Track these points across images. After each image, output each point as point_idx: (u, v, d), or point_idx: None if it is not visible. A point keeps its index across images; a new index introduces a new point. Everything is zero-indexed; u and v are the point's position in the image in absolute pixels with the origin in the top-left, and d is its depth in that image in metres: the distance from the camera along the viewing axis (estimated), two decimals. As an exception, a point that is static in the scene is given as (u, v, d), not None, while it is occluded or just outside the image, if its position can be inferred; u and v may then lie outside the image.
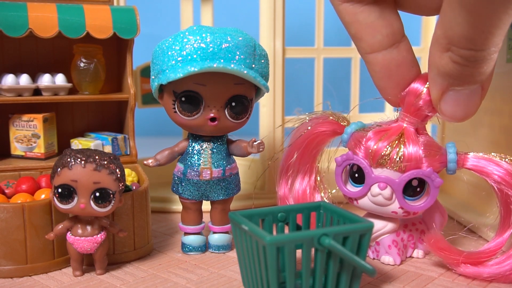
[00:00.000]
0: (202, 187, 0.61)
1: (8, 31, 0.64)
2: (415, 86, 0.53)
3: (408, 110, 0.55)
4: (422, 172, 0.55)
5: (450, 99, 0.47)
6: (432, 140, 0.57)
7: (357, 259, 0.45)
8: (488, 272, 0.54)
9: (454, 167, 0.56)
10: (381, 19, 0.48)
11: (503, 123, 0.72)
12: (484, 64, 0.43)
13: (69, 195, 0.53)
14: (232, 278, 0.56)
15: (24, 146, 0.70)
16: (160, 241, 0.68)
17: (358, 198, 0.58)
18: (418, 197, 0.57)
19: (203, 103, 0.58)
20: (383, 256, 0.60)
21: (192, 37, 0.56)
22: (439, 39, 0.43)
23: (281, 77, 0.84)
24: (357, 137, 0.58)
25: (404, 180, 0.55)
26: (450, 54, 0.42)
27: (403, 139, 0.55)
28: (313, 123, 0.63)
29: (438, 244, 0.56)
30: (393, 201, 0.56)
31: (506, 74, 0.71)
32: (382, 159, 0.55)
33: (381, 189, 0.56)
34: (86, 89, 0.73)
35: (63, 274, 0.57)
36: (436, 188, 0.56)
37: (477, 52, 0.41)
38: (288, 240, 0.44)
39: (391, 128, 0.56)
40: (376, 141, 0.55)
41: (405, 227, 0.61)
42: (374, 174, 0.56)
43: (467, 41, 0.40)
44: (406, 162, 0.54)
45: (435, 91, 0.47)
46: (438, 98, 0.48)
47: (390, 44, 0.49)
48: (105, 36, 0.68)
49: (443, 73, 0.45)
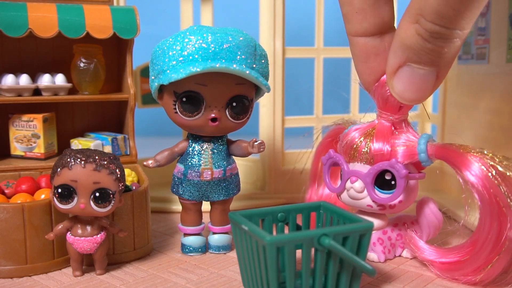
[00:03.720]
0: (203, 188, 0.61)
1: (8, 31, 0.64)
2: (384, 78, 0.53)
3: (378, 103, 0.56)
4: (388, 163, 0.55)
5: (403, 75, 0.48)
6: (410, 134, 0.57)
7: (357, 259, 0.45)
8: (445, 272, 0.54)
9: (424, 157, 0.55)
10: (373, 8, 0.49)
11: (503, 123, 0.72)
12: (445, 44, 0.44)
13: (69, 195, 0.53)
14: (232, 278, 0.56)
15: (24, 146, 0.70)
16: (160, 241, 0.68)
17: (339, 193, 0.60)
18: (392, 191, 0.57)
19: (204, 104, 0.58)
20: (368, 253, 0.60)
21: (193, 37, 0.56)
22: (411, 9, 0.44)
23: (281, 77, 0.84)
24: (341, 137, 0.60)
25: (371, 173, 0.56)
26: (417, 26, 0.43)
27: (373, 134, 0.56)
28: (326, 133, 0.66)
29: (415, 244, 0.58)
30: (365, 194, 0.57)
31: (506, 74, 0.71)
32: (353, 152, 0.57)
33: (352, 182, 0.57)
34: (86, 89, 0.73)
35: (63, 274, 0.57)
36: (401, 178, 0.55)
37: (442, 29, 0.42)
38: (288, 240, 0.44)
39: (368, 124, 0.58)
40: (352, 136, 0.58)
41: (394, 226, 0.61)
42: (347, 169, 0.58)
43: (436, 15, 0.42)
44: (371, 155, 0.56)
45: (392, 63, 0.48)
46: (392, 71, 0.48)
47: (374, 33, 0.50)
48: (105, 36, 0.68)
49: (404, 45, 0.45)
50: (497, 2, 0.74)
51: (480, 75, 0.79)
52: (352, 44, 0.52)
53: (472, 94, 0.81)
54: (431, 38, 0.43)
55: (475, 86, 0.80)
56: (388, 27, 0.50)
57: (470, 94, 0.82)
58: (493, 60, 0.75)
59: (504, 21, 0.71)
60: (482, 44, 0.77)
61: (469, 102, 0.82)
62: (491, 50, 0.75)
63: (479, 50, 0.78)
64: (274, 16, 0.83)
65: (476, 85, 0.80)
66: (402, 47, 0.46)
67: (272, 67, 0.83)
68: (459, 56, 0.85)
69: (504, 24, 0.72)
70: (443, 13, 0.41)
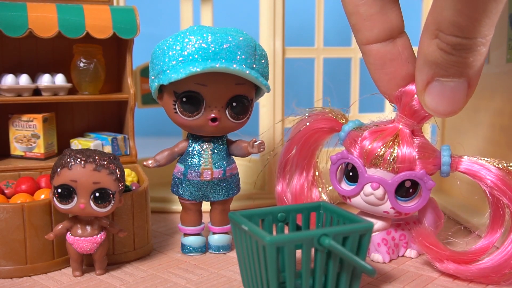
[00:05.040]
0: (203, 188, 0.61)
1: (8, 31, 0.64)
2: (411, 87, 0.53)
3: (403, 111, 0.55)
4: (415, 174, 0.55)
5: (434, 91, 0.47)
6: (427, 142, 0.57)
7: (357, 259, 0.45)
8: (472, 271, 0.54)
9: (447, 170, 0.56)
10: (381, 13, 0.49)
11: (503, 123, 0.72)
12: (470, 54, 0.43)
13: (69, 195, 0.53)
14: (232, 278, 0.56)
15: (24, 146, 0.70)
16: (160, 241, 0.68)
17: (352, 197, 0.59)
18: (410, 198, 0.57)
19: (204, 104, 0.58)
20: (372, 253, 0.60)
21: (193, 37, 0.56)
22: (429, 26, 0.43)
23: (281, 77, 0.84)
24: (353, 136, 0.58)
25: (396, 181, 0.55)
26: (438, 41, 0.43)
27: (397, 140, 0.55)
28: (312, 119, 0.63)
29: (426, 239, 0.57)
30: (385, 201, 0.57)
31: (506, 74, 0.71)
32: (376, 159, 0.56)
33: (373, 189, 0.56)
34: (86, 89, 0.73)
35: (62, 274, 0.57)
36: (428, 190, 0.56)
37: (463, 40, 0.41)
38: (288, 240, 0.44)
39: (386, 129, 0.56)
40: (371, 141, 0.56)
41: (397, 226, 0.61)
42: (367, 174, 0.56)
43: (454, 28, 0.41)
44: (399, 164, 0.55)
45: (420, 80, 0.47)
46: (422, 88, 0.48)
47: (386, 38, 0.50)
48: (105, 36, 0.68)
49: (429, 61, 0.45)
50: (497, 2, 0.73)
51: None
52: (365, 54, 0.51)
53: (473, 94, 0.81)
54: (454, 51, 0.42)
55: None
56: (399, 31, 0.50)
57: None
58: (493, 60, 0.75)
59: (504, 21, 0.71)
60: (482, 44, 0.77)
61: (470, 102, 0.81)
62: (491, 50, 0.75)
63: (479, 50, 0.78)
64: (274, 16, 0.83)
65: (477, 85, 0.80)
66: (427, 63, 0.45)
67: (272, 67, 0.83)
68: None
69: (504, 24, 0.71)
70: (460, 24, 0.40)
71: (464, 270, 0.54)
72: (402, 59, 0.51)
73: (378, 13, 0.48)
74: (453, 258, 0.55)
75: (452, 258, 0.55)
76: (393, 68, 0.51)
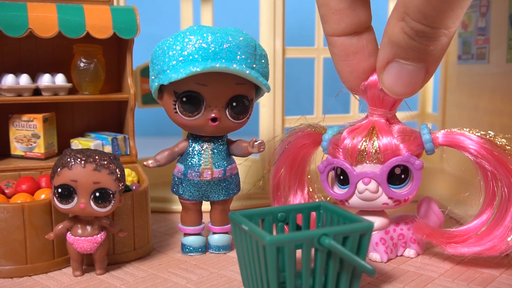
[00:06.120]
0: (203, 188, 0.61)
1: (8, 31, 0.64)
2: (373, 78, 0.54)
3: (373, 103, 0.56)
4: (401, 158, 0.56)
5: (392, 71, 0.48)
6: (404, 126, 0.58)
7: (357, 259, 0.45)
8: (472, 252, 0.56)
9: (431, 147, 0.57)
10: (350, 9, 0.49)
11: (503, 123, 0.72)
12: (431, 43, 0.44)
13: (69, 195, 0.53)
14: (232, 278, 0.56)
15: (24, 146, 0.70)
16: (160, 241, 0.68)
17: (348, 199, 0.59)
18: (404, 184, 0.58)
19: (204, 103, 0.58)
20: (370, 253, 0.61)
21: (193, 37, 0.56)
22: (398, 6, 0.44)
23: (281, 77, 0.84)
24: (334, 141, 0.59)
25: (385, 171, 0.56)
26: (403, 24, 0.44)
27: (375, 132, 0.56)
28: (293, 137, 0.64)
29: (425, 230, 0.58)
30: (380, 193, 0.57)
31: (506, 74, 0.71)
32: (360, 155, 0.57)
33: (365, 184, 0.57)
34: (86, 89, 0.73)
35: (63, 274, 0.57)
36: (418, 171, 0.57)
37: (426, 28, 0.43)
38: (288, 240, 0.44)
39: (362, 124, 0.58)
40: (351, 139, 0.57)
41: (396, 226, 0.61)
42: (356, 172, 0.57)
43: (420, 15, 0.42)
44: (382, 153, 0.56)
45: (382, 58, 0.48)
46: (382, 66, 0.49)
47: (351, 32, 0.51)
48: (105, 36, 0.68)
49: (392, 42, 0.46)
50: (497, 2, 0.74)
51: (480, 75, 0.79)
52: (331, 44, 0.52)
53: (472, 94, 0.81)
54: (416, 37, 0.44)
55: (475, 86, 0.80)
56: (365, 27, 0.51)
57: (470, 94, 0.82)
58: (493, 60, 0.75)
59: (504, 21, 0.71)
60: (482, 44, 0.77)
61: (469, 102, 0.82)
62: (491, 50, 0.75)
63: (479, 50, 0.78)
64: (274, 16, 0.83)
65: (476, 85, 0.80)
66: (390, 43, 0.46)
67: (272, 67, 0.83)
68: (459, 56, 0.85)
69: (504, 24, 0.72)
70: (426, 13, 0.42)
71: (472, 246, 0.56)
72: (365, 52, 0.52)
73: (347, 9, 0.49)
74: (453, 240, 0.57)
75: (452, 240, 0.56)
76: (356, 61, 0.53)
